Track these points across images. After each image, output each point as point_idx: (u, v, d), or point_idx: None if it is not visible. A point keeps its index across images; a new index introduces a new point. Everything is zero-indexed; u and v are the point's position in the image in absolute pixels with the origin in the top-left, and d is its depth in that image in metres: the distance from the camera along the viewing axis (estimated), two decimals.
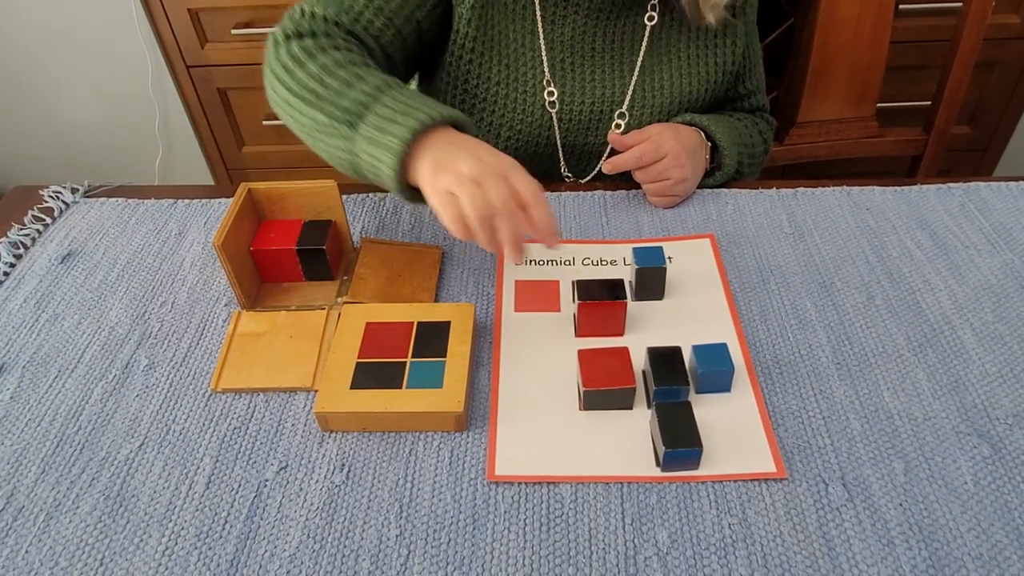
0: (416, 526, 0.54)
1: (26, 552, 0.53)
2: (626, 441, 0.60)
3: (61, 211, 0.86)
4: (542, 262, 0.77)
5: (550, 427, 0.61)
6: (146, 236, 0.82)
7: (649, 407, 0.62)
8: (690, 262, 0.76)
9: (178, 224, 0.83)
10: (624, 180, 0.87)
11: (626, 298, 0.67)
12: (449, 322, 0.67)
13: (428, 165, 0.63)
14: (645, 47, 0.87)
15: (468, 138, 0.66)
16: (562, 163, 0.92)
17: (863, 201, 0.85)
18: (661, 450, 0.56)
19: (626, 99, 0.88)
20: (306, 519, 0.55)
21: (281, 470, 0.58)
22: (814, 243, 0.79)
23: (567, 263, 0.77)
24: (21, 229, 0.82)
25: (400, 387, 0.62)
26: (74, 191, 0.88)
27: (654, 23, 0.86)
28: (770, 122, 1.01)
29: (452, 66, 0.86)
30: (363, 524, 0.55)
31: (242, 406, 0.63)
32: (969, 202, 0.84)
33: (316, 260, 0.73)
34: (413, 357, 0.64)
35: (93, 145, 1.95)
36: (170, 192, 0.89)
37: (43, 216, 0.84)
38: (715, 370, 0.62)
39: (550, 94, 0.86)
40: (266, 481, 0.58)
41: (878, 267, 0.76)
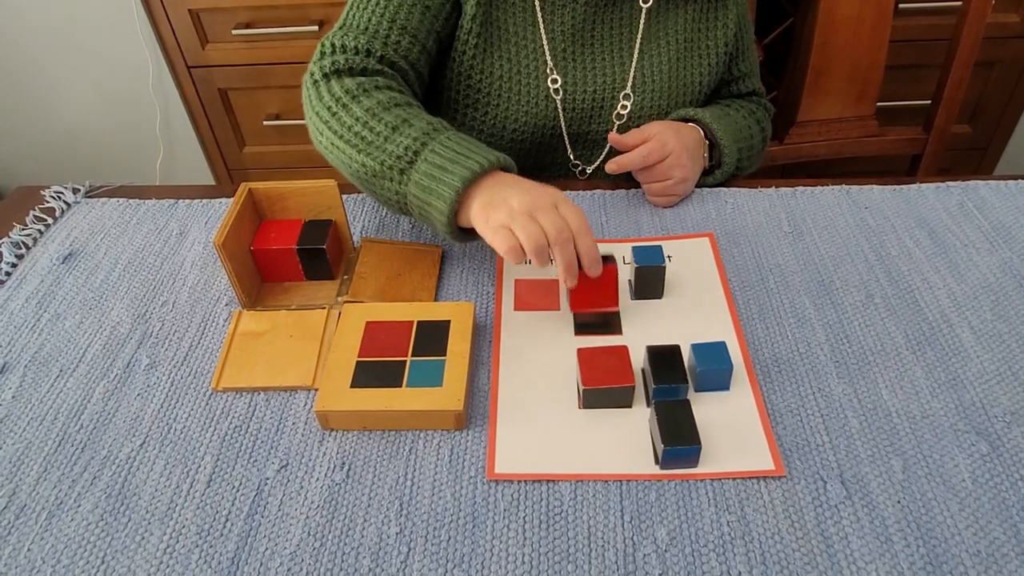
0: (416, 524, 0.55)
1: (28, 550, 0.54)
2: (625, 439, 0.60)
3: (63, 211, 0.86)
4: None
5: (549, 425, 0.61)
6: (147, 236, 0.82)
7: (648, 405, 0.62)
8: (689, 261, 0.77)
9: (179, 224, 0.84)
10: (624, 179, 0.87)
11: (615, 263, 0.68)
12: (449, 321, 0.67)
13: (479, 206, 0.66)
14: (642, 30, 0.88)
15: (515, 177, 0.69)
16: (569, 151, 0.93)
17: (862, 200, 0.85)
18: (660, 448, 0.57)
19: (628, 82, 0.89)
20: (307, 517, 0.55)
21: (282, 468, 0.59)
22: (813, 242, 0.79)
23: None
24: (23, 229, 0.83)
25: (400, 386, 0.62)
26: (75, 191, 0.89)
27: (649, 5, 0.87)
28: (767, 108, 1.01)
29: (456, 63, 0.87)
30: (363, 522, 0.55)
31: (243, 405, 0.64)
32: (968, 201, 0.84)
33: (316, 260, 0.73)
34: (413, 356, 0.64)
35: (94, 145, 1.96)
36: (171, 192, 0.89)
37: (45, 216, 0.85)
38: (714, 368, 0.62)
39: (553, 82, 0.87)
40: (267, 479, 0.58)
41: (877, 266, 0.76)
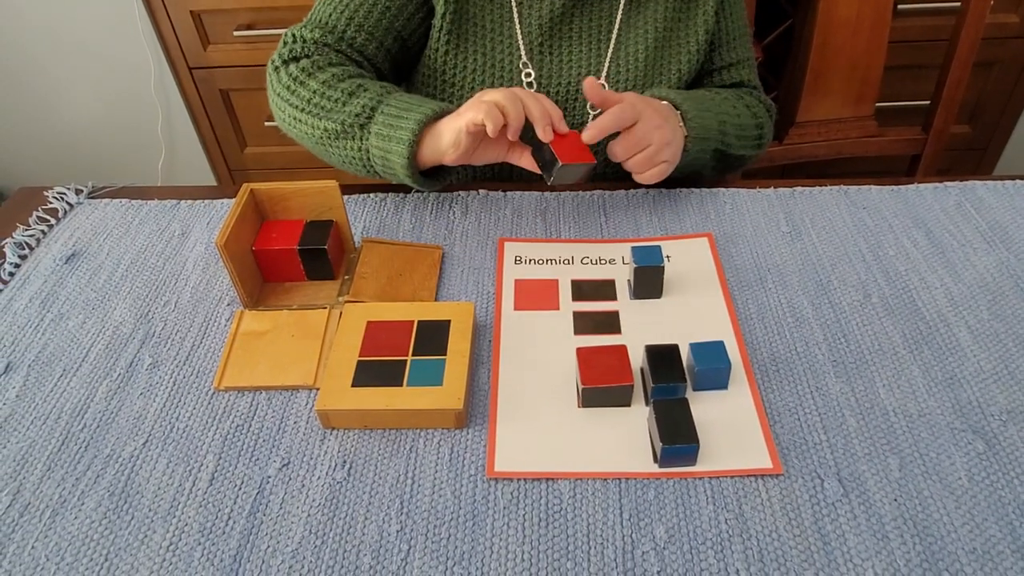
0: (416, 522, 0.55)
1: (32, 548, 0.54)
2: (624, 438, 0.60)
3: (65, 212, 0.86)
4: (541, 261, 0.77)
5: (549, 424, 0.62)
6: (149, 236, 0.83)
7: (647, 404, 0.63)
8: (688, 261, 0.77)
9: (181, 224, 0.84)
10: (624, 180, 0.87)
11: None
12: (449, 321, 0.68)
13: (441, 127, 0.74)
14: (620, 20, 0.88)
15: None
16: None
17: (860, 200, 0.85)
18: (659, 446, 0.57)
19: (603, 72, 0.89)
20: (308, 515, 0.56)
21: (283, 467, 0.59)
22: (811, 242, 0.79)
23: (566, 262, 0.77)
24: (26, 230, 0.83)
25: (401, 385, 0.62)
26: (78, 192, 0.89)
27: None
28: (763, 101, 0.98)
29: (430, 59, 0.89)
30: (364, 520, 0.55)
31: (245, 404, 0.64)
32: (965, 201, 0.84)
33: (318, 260, 0.73)
34: (413, 355, 0.65)
35: (96, 146, 1.96)
36: (173, 193, 0.89)
37: (47, 217, 0.85)
38: (712, 367, 0.62)
39: (527, 75, 0.88)
40: (268, 478, 0.58)
41: (874, 265, 0.76)
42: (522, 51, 0.87)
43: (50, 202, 0.88)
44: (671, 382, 0.61)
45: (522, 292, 0.74)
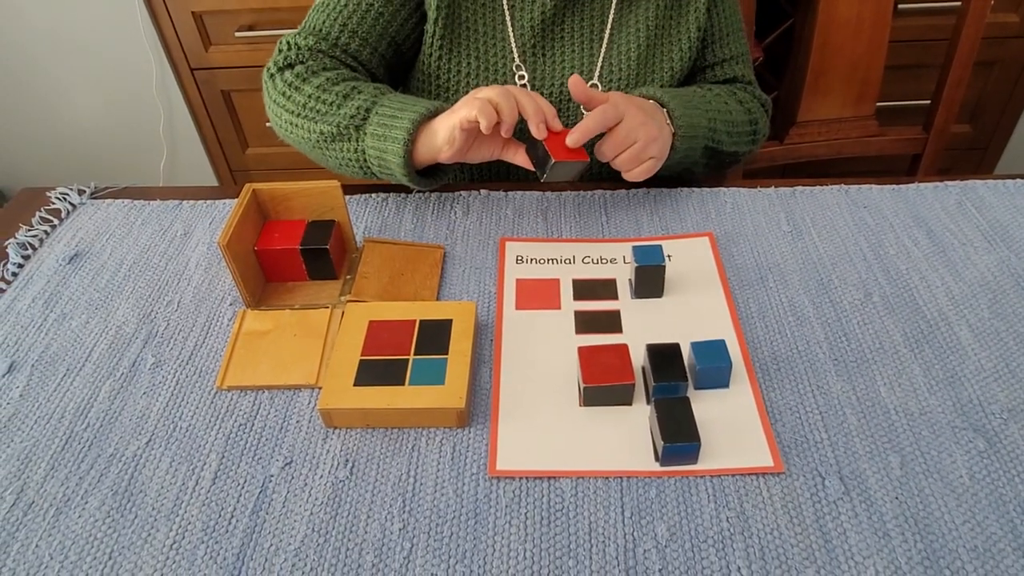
0: (419, 520, 0.55)
1: (36, 547, 0.54)
2: (625, 436, 0.60)
3: (68, 212, 0.87)
4: (543, 261, 0.78)
5: (551, 423, 0.62)
6: (152, 236, 0.83)
7: (648, 403, 0.63)
8: (689, 260, 0.77)
9: (183, 225, 0.84)
10: (622, 179, 0.87)
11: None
12: (451, 320, 0.68)
13: (435, 125, 0.75)
14: (612, 20, 0.88)
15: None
16: None
17: (861, 199, 0.85)
18: (660, 445, 0.57)
19: (595, 72, 0.89)
20: (311, 513, 0.56)
21: (286, 466, 0.59)
22: (812, 241, 0.80)
23: (567, 262, 0.77)
24: (29, 230, 0.83)
25: (403, 384, 0.63)
26: (81, 193, 0.89)
27: None
28: (758, 97, 0.97)
29: (424, 64, 0.89)
30: (367, 518, 0.55)
31: (247, 403, 0.64)
32: (966, 200, 0.84)
33: (320, 259, 0.74)
34: (415, 354, 0.65)
35: (99, 147, 1.97)
36: (176, 193, 0.90)
37: (50, 217, 0.86)
38: (713, 366, 0.62)
39: (520, 78, 0.88)
40: (271, 476, 0.58)
41: (875, 265, 0.76)
42: (515, 53, 0.88)
43: (53, 203, 0.88)
44: (672, 381, 0.61)
45: (523, 291, 0.74)
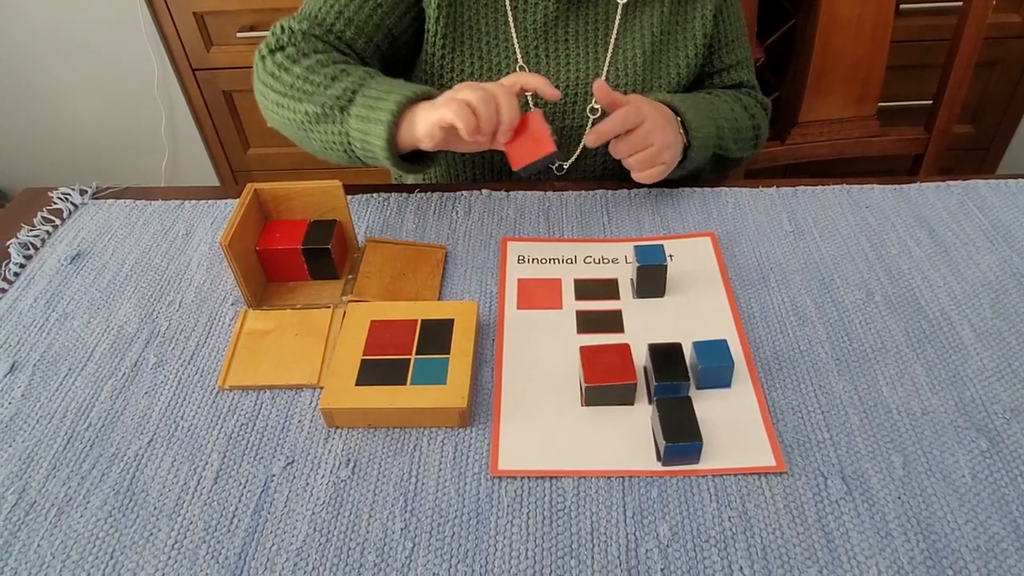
0: (420, 520, 0.55)
1: (38, 546, 0.54)
2: (627, 436, 0.60)
3: (70, 212, 0.87)
4: (544, 260, 0.78)
5: (552, 422, 0.62)
6: (154, 236, 0.83)
7: (650, 402, 0.63)
8: (691, 260, 0.77)
9: (185, 225, 0.85)
10: (625, 180, 0.88)
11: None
12: (452, 320, 0.68)
13: (417, 114, 0.72)
14: (618, 26, 0.88)
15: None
16: None
17: (863, 199, 0.85)
18: (662, 444, 0.57)
19: (602, 76, 0.89)
20: (312, 513, 0.56)
21: (288, 465, 0.59)
22: (814, 241, 0.79)
23: (569, 261, 0.77)
24: (31, 230, 0.83)
25: (404, 383, 0.62)
26: (82, 193, 0.89)
27: (625, 2, 0.87)
28: (760, 101, 0.99)
29: (427, 64, 0.88)
30: (368, 518, 0.55)
31: (249, 403, 0.64)
32: (968, 200, 0.84)
33: (321, 259, 0.74)
34: (417, 354, 0.65)
35: (100, 148, 1.97)
36: (177, 193, 0.90)
37: (52, 217, 0.86)
38: (715, 366, 0.62)
39: None
40: (273, 476, 0.58)
41: (877, 264, 0.76)
42: (518, 54, 0.87)
43: (55, 203, 0.88)
44: (674, 380, 0.61)
45: (525, 291, 0.74)
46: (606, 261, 0.77)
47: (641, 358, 0.66)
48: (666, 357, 0.63)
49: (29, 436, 0.62)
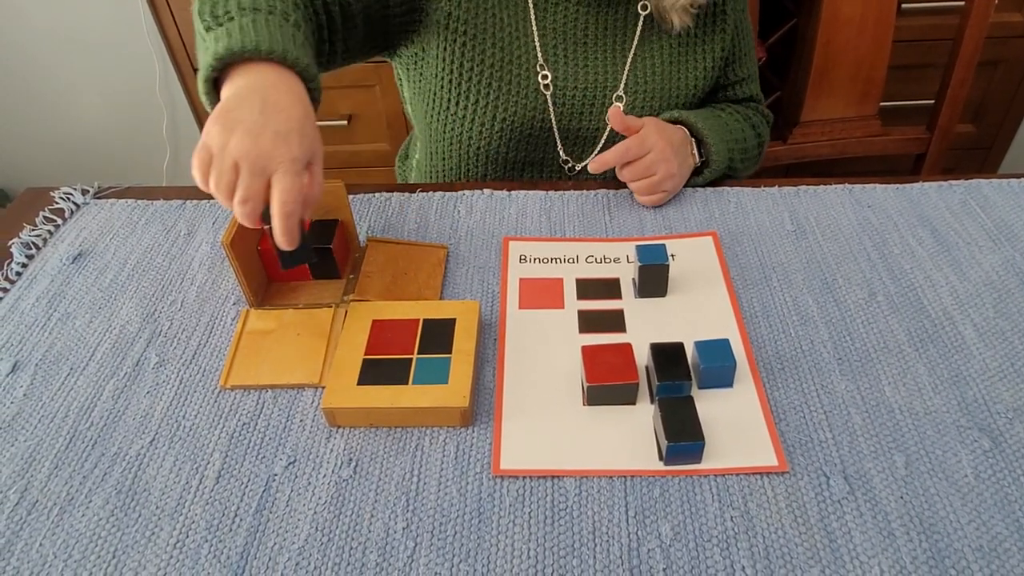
0: (422, 519, 0.55)
1: (40, 545, 0.54)
2: (629, 435, 0.60)
3: (72, 212, 0.87)
4: (546, 260, 0.78)
5: (554, 422, 0.62)
6: (155, 236, 0.83)
7: (652, 402, 0.63)
8: (693, 259, 0.77)
9: (187, 224, 0.85)
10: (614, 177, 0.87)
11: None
12: (454, 319, 0.68)
13: (224, 100, 0.60)
14: (639, 34, 0.88)
15: (285, 94, 0.60)
16: (559, 147, 0.93)
17: (865, 199, 0.85)
18: (664, 444, 0.57)
19: (621, 83, 0.89)
20: (314, 512, 0.56)
21: (289, 465, 0.59)
22: (816, 240, 0.79)
23: (571, 261, 0.77)
24: (33, 230, 0.83)
25: (406, 383, 0.62)
26: (84, 192, 0.90)
27: (647, 12, 0.87)
28: (765, 115, 1.01)
29: (445, 50, 0.87)
30: (370, 517, 0.55)
31: (251, 402, 0.64)
32: (971, 199, 0.84)
33: (323, 259, 0.74)
34: (419, 353, 0.65)
35: (102, 148, 1.97)
36: (179, 193, 0.90)
37: (54, 217, 0.86)
38: (717, 365, 0.62)
39: (544, 77, 0.88)
40: (275, 475, 0.58)
41: (879, 264, 0.76)
42: (538, 52, 0.87)
43: (56, 202, 0.88)
44: (676, 380, 0.61)
45: (527, 291, 0.74)
46: (608, 261, 0.77)
47: (643, 358, 0.66)
48: (668, 357, 0.63)
49: (31, 435, 0.62)
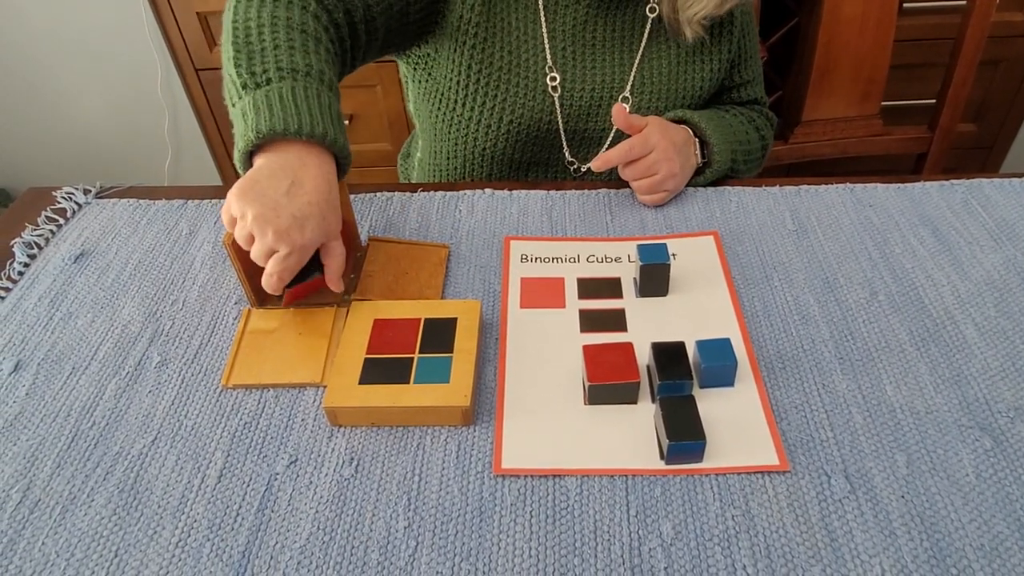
0: (424, 518, 0.55)
1: (43, 544, 0.54)
2: (630, 434, 0.60)
3: (74, 212, 0.87)
4: (547, 259, 0.78)
5: (555, 421, 0.62)
6: (157, 236, 0.83)
7: (653, 401, 0.63)
8: (694, 259, 0.77)
9: (189, 224, 0.85)
10: (617, 178, 0.88)
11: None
12: (456, 318, 0.68)
13: (254, 168, 0.64)
14: (647, 36, 0.89)
15: (314, 177, 0.64)
16: (565, 148, 0.93)
17: (866, 198, 0.85)
18: (665, 443, 0.57)
19: (627, 84, 0.89)
20: (316, 511, 0.56)
21: (291, 464, 0.59)
22: (817, 240, 0.79)
23: (572, 260, 0.77)
24: (35, 230, 0.84)
25: (408, 382, 0.63)
26: (86, 192, 0.90)
27: (656, 14, 0.88)
28: (769, 118, 1.01)
29: (456, 52, 0.87)
30: (372, 516, 0.56)
31: (252, 401, 0.64)
32: (972, 198, 0.84)
33: None
34: (420, 353, 0.65)
35: (104, 148, 1.97)
36: (181, 193, 0.90)
37: (56, 217, 0.86)
38: (718, 364, 0.62)
39: (552, 79, 0.88)
40: (277, 475, 0.59)
41: (881, 263, 0.76)
42: (548, 54, 0.87)
43: (58, 202, 0.88)
44: (677, 379, 0.61)
45: (528, 290, 0.74)
46: (609, 260, 0.77)
47: (644, 357, 0.66)
48: (669, 356, 0.63)
49: (33, 435, 0.62)
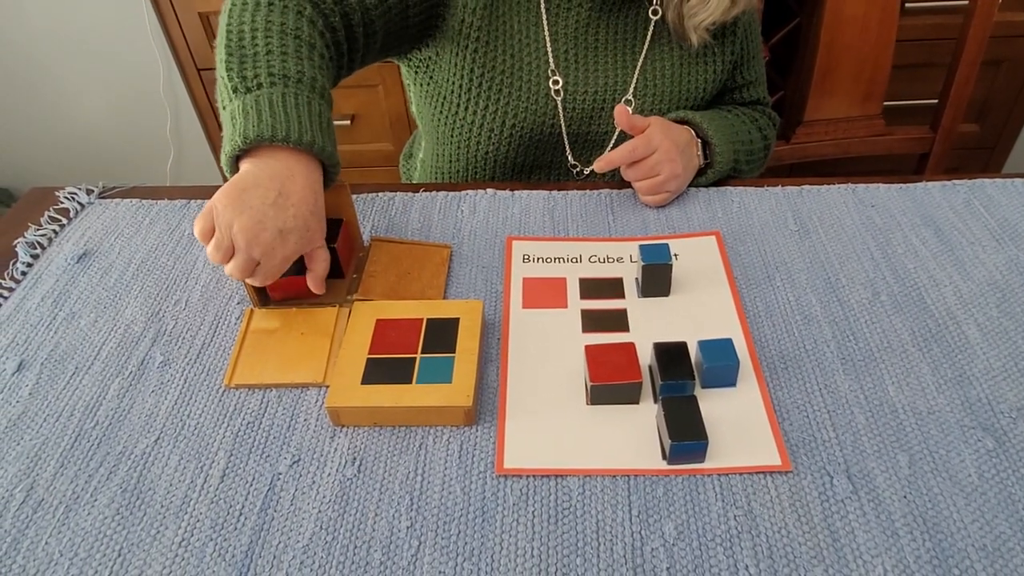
0: (426, 518, 0.55)
1: (46, 544, 0.54)
2: (633, 435, 0.60)
3: (76, 212, 0.87)
4: (549, 260, 0.78)
5: (557, 421, 0.62)
6: (160, 236, 0.83)
7: (655, 401, 0.63)
8: (696, 259, 0.77)
9: (191, 224, 0.85)
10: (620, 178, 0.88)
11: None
12: (458, 319, 0.68)
13: (241, 173, 0.64)
14: (649, 38, 0.89)
15: (301, 187, 0.65)
16: (568, 151, 0.93)
17: (868, 198, 0.85)
18: (667, 443, 0.57)
19: (630, 87, 0.89)
20: (319, 511, 0.56)
21: (294, 464, 0.59)
22: (819, 240, 0.79)
23: (574, 260, 0.77)
24: (38, 230, 0.84)
25: (410, 382, 0.63)
26: (89, 192, 0.90)
27: (659, 16, 0.88)
28: (772, 118, 1.01)
29: (457, 56, 0.87)
30: (374, 516, 0.56)
31: (255, 401, 0.65)
32: (974, 199, 0.84)
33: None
34: (423, 353, 0.65)
35: (106, 148, 1.97)
36: (183, 193, 0.90)
37: (59, 217, 0.86)
38: (720, 365, 0.62)
39: (555, 83, 0.88)
40: (279, 474, 0.59)
41: (883, 263, 0.76)
42: (550, 58, 0.87)
43: (61, 202, 0.88)
44: (679, 379, 0.61)
45: (530, 290, 0.74)
46: (611, 260, 0.77)
47: (646, 357, 0.66)
48: (671, 356, 0.63)
49: (37, 434, 0.62)
